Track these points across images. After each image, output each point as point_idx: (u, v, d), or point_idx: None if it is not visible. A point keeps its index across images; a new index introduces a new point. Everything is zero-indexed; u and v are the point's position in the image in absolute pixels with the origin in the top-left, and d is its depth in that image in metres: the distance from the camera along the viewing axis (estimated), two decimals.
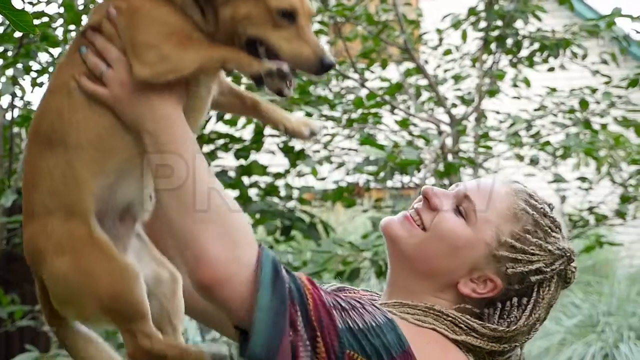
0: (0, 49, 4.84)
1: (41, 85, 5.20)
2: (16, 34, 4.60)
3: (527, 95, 6.54)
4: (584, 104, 6.03)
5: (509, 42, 6.26)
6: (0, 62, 4.79)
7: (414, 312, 1.87)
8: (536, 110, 6.30)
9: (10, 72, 4.76)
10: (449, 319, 1.86)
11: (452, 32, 6.64)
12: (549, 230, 1.92)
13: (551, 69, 6.43)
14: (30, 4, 4.85)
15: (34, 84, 5.21)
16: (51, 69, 5.00)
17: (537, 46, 6.22)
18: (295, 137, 1.96)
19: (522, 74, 6.53)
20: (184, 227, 1.68)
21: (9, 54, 4.82)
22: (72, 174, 1.80)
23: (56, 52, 4.95)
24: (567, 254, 1.92)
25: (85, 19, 4.51)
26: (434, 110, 6.59)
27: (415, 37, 6.82)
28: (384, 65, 6.60)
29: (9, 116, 5.40)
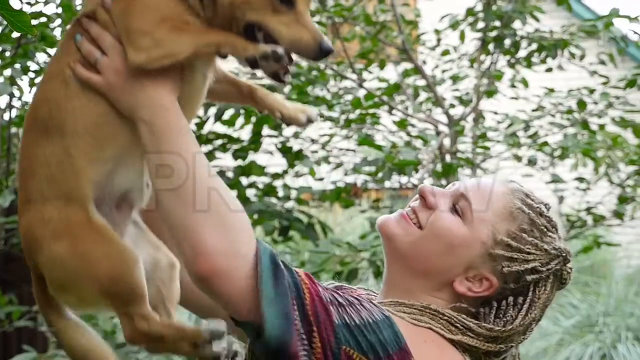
0: None
1: None
2: (14, 34, 4.59)
3: (525, 95, 6.54)
4: (582, 105, 6.04)
5: (507, 42, 6.26)
6: None
7: (410, 312, 1.87)
8: (534, 110, 6.30)
9: (8, 72, 4.75)
10: (445, 318, 1.86)
11: (450, 33, 6.64)
12: (545, 229, 1.92)
13: (549, 70, 6.43)
14: (28, 4, 4.84)
15: (32, 84, 5.19)
16: None
17: (535, 47, 6.23)
18: (291, 124, 1.95)
19: (520, 74, 6.53)
20: (182, 219, 1.68)
21: (7, 54, 4.81)
22: (69, 162, 1.80)
23: (54, 52, 4.93)
24: (563, 254, 1.92)
25: None
26: (432, 110, 6.60)
27: (413, 37, 6.82)
28: (382, 65, 6.60)
29: (6, 116, 5.40)
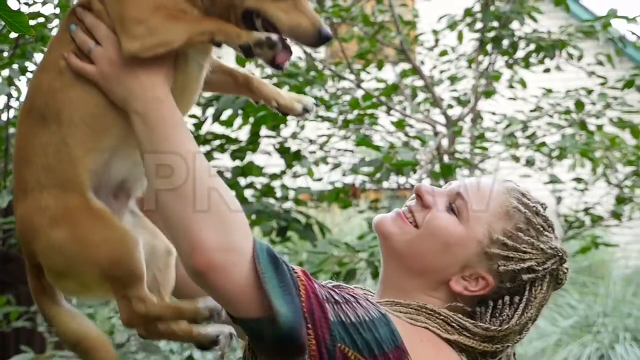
0: None
1: None
2: (12, 35, 4.59)
3: (523, 96, 6.54)
4: (580, 105, 6.04)
5: (505, 43, 6.26)
6: None
7: (407, 311, 1.87)
8: (532, 111, 6.30)
9: (6, 72, 4.75)
10: (441, 317, 1.86)
11: (448, 33, 6.64)
12: (541, 228, 1.92)
13: (547, 70, 6.43)
14: (26, 4, 4.83)
15: None
16: None
17: (533, 47, 6.22)
18: (287, 113, 1.95)
19: (518, 75, 6.53)
20: (179, 217, 1.68)
21: (5, 54, 4.81)
22: (66, 151, 1.80)
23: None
24: (560, 253, 1.92)
25: None
26: (430, 111, 6.59)
27: (411, 38, 6.82)
28: (380, 66, 6.60)
29: (4, 117, 5.39)
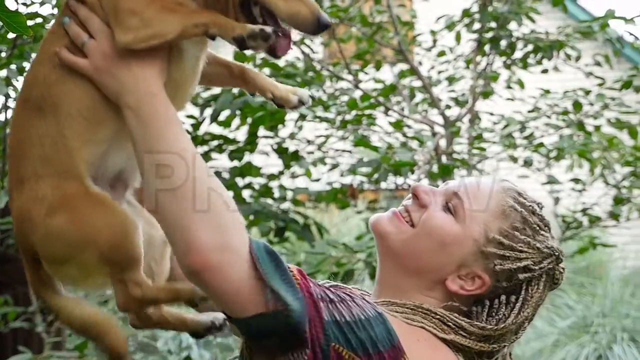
0: None
1: None
2: (10, 35, 4.58)
3: (521, 96, 6.55)
4: (578, 106, 6.04)
5: (503, 43, 6.26)
6: None
7: (403, 311, 1.86)
8: (530, 111, 6.31)
9: (3, 73, 4.74)
10: (437, 317, 1.86)
11: (446, 34, 6.64)
12: (538, 228, 1.92)
13: (545, 71, 6.43)
14: (24, 4, 4.82)
15: None
16: None
17: (530, 48, 6.23)
18: (283, 105, 1.94)
19: (516, 75, 6.54)
20: (173, 214, 1.67)
21: (3, 55, 4.80)
22: (62, 142, 1.79)
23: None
24: (556, 253, 1.92)
25: None
26: (428, 111, 6.60)
27: (409, 38, 6.82)
28: (378, 66, 6.60)
29: (2, 117, 5.39)
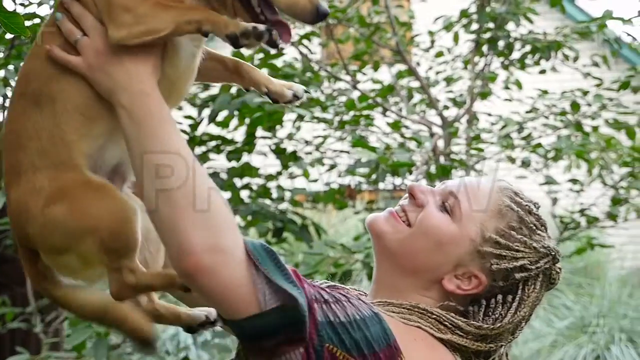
0: None
1: None
2: (8, 36, 4.58)
3: (519, 97, 6.55)
4: (576, 106, 6.05)
5: (501, 44, 6.27)
6: None
7: (399, 311, 1.86)
8: (528, 112, 6.31)
9: (1, 73, 4.74)
10: (434, 316, 1.86)
11: (444, 34, 6.65)
12: (534, 227, 1.92)
13: (543, 72, 6.44)
14: (21, 5, 4.83)
15: None
16: None
17: (528, 48, 6.24)
18: (277, 99, 1.93)
19: (514, 76, 6.54)
20: (165, 215, 1.66)
21: (1, 55, 4.80)
22: (60, 136, 1.78)
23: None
24: (552, 252, 1.92)
25: None
26: (426, 112, 6.60)
27: (407, 39, 6.82)
28: (376, 67, 6.60)
29: (0, 117, 5.39)
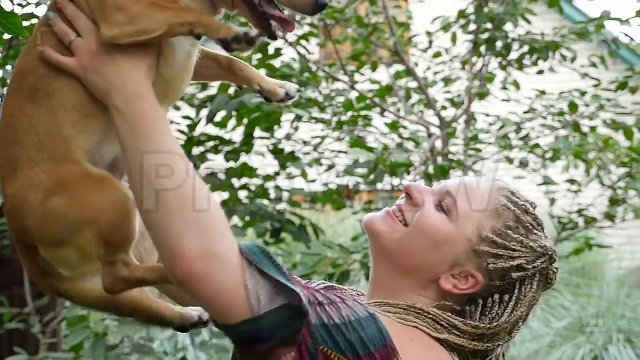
0: None
1: None
2: (5, 36, 4.58)
3: (517, 98, 6.55)
4: (573, 107, 6.05)
5: (499, 45, 6.27)
6: None
7: (396, 311, 1.86)
8: (526, 113, 6.31)
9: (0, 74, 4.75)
10: (430, 316, 1.85)
11: (442, 35, 6.65)
12: (531, 227, 1.92)
13: (541, 72, 6.44)
14: (19, 6, 4.83)
15: None
16: None
17: (526, 49, 6.24)
18: (270, 98, 1.92)
19: (512, 76, 6.54)
20: (157, 220, 1.65)
21: None
22: (57, 131, 1.78)
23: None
24: (549, 252, 1.91)
25: None
26: (424, 112, 6.60)
27: (405, 39, 6.82)
28: (374, 67, 6.60)
29: None
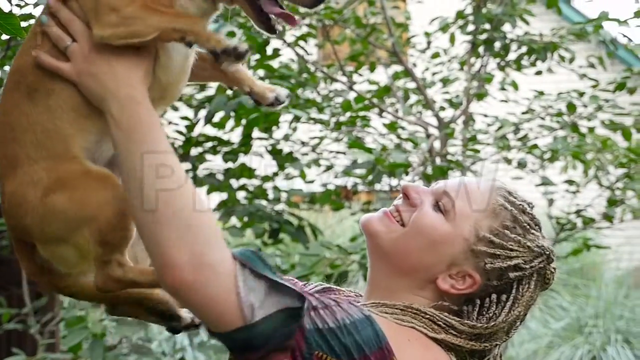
0: None
1: None
2: (3, 37, 4.58)
3: (515, 98, 6.55)
4: (572, 108, 6.05)
5: (497, 45, 6.27)
6: None
7: (392, 312, 1.86)
8: (524, 113, 6.31)
9: None
10: (427, 316, 1.85)
11: (440, 36, 6.65)
12: (528, 227, 1.91)
13: (539, 73, 6.44)
14: (17, 6, 4.82)
15: None
16: None
17: (524, 49, 6.24)
18: (259, 101, 1.91)
19: (510, 77, 6.54)
20: (148, 227, 1.64)
21: None
22: (56, 130, 1.77)
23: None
24: (547, 252, 1.91)
25: None
26: (422, 113, 6.60)
27: (403, 40, 6.83)
28: (372, 68, 6.60)
29: None
